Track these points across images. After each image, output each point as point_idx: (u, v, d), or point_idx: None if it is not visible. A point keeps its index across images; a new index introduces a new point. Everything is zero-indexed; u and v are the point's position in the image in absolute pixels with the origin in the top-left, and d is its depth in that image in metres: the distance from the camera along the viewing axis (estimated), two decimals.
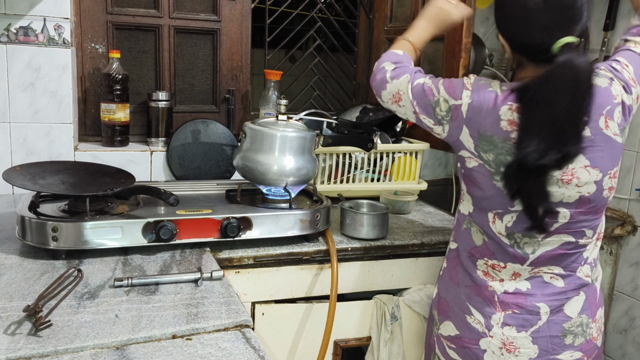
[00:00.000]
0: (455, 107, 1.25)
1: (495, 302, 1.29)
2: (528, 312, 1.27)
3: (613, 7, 2.02)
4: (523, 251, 1.26)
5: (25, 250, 1.36)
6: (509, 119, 1.18)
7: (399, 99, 1.36)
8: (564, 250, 1.26)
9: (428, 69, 2.31)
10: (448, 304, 1.37)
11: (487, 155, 1.21)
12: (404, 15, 2.44)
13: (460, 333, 1.33)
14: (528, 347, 1.28)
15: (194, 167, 1.96)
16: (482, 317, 1.30)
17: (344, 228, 1.65)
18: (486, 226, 1.29)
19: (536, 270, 1.28)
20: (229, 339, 1.03)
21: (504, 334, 1.28)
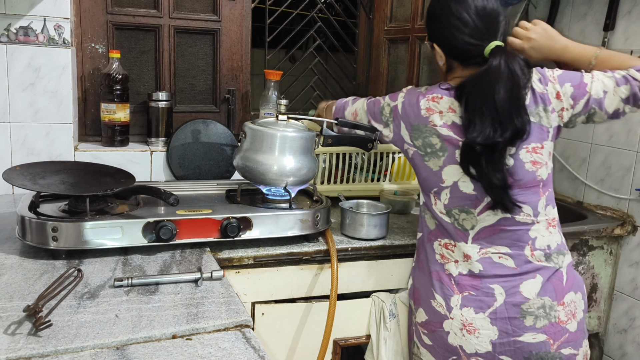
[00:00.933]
0: (394, 107, 1.47)
1: (452, 284, 1.39)
2: (484, 294, 1.35)
3: (613, 7, 2.02)
4: (462, 227, 1.38)
5: (25, 250, 1.36)
6: (427, 107, 1.39)
7: (356, 115, 1.59)
8: (502, 226, 1.35)
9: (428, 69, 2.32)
10: (419, 292, 1.47)
11: (418, 141, 1.41)
12: (404, 15, 2.44)
13: (429, 318, 1.43)
14: (487, 329, 1.34)
15: (194, 167, 1.96)
16: (443, 300, 1.39)
17: (344, 228, 1.65)
18: (431, 208, 1.43)
19: (484, 251, 1.37)
20: (229, 339, 1.04)
21: (462, 315, 1.36)
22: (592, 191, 2.16)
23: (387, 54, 2.55)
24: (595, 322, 2.10)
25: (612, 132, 2.08)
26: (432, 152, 1.38)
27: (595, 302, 2.07)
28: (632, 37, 2.00)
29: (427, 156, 1.40)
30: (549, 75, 1.38)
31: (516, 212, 1.33)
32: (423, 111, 1.40)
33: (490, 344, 1.34)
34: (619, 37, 2.04)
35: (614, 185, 2.08)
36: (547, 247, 1.37)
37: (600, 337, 2.13)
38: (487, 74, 1.30)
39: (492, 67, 1.29)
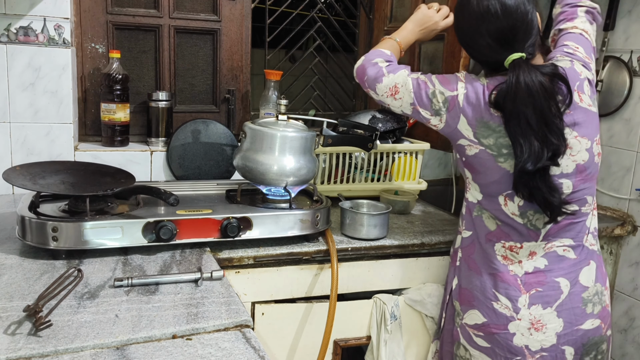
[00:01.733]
0: (452, 98, 1.34)
1: (519, 284, 1.35)
2: (550, 288, 1.34)
3: (613, 7, 2.02)
4: (535, 227, 1.34)
5: (25, 250, 1.36)
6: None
7: (395, 92, 1.42)
8: (570, 219, 1.34)
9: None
10: (471, 293, 1.41)
11: (488, 140, 1.31)
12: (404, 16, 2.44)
13: (488, 320, 1.38)
14: (554, 322, 1.34)
15: (194, 167, 1.96)
16: (509, 302, 1.35)
17: (344, 228, 1.65)
18: (498, 210, 1.36)
19: (549, 246, 1.35)
20: (229, 339, 1.04)
21: (531, 314, 1.34)
22: None
23: None
24: None
25: (612, 132, 2.08)
26: (508, 152, 1.30)
27: None
28: (632, 37, 2.00)
29: (502, 157, 1.31)
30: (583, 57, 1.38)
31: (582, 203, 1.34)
32: (493, 110, 1.31)
33: (555, 337, 1.35)
34: (619, 37, 2.04)
35: (614, 185, 2.08)
36: (595, 229, 1.41)
37: None
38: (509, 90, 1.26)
39: (509, 83, 1.26)
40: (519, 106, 1.25)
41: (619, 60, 2.03)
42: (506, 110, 1.27)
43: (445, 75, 1.40)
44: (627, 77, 2.00)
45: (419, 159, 2.03)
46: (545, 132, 1.25)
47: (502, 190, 1.34)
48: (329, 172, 1.96)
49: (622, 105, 2.03)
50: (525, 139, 1.25)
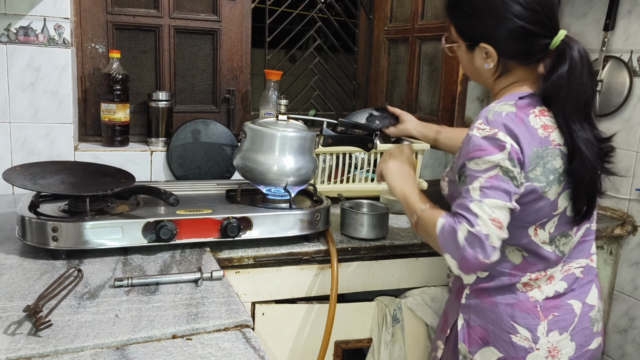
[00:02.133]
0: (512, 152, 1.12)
1: (538, 311, 1.24)
2: (565, 312, 1.26)
3: (613, 7, 2.02)
4: (562, 252, 1.24)
5: (25, 250, 1.36)
6: (542, 125, 1.16)
7: (499, 224, 1.11)
8: (584, 238, 1.28)
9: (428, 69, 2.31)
10: (485, 330, 1.26)
11: (535, 171, 1.15)
12: (404, 16, 2.44)
13: (505, 355, 1.25)
14: (568, 347, 1.25)
15: (194, 167, 1.96)
16: (529, 332, 1.23)
17: (344, 228, 1.64)
18: (526, 242, 1.22)
19: (567, 268, 1.26)
20: (229, 339, 1.03)
21: (549, 342, 1.24)
22: None
23: (387, 54, 2.55)
24: None
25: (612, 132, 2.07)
26: (555, 178, 1.16)
27: None
28: (632, 37, 2.00)
29: (548, 186, 1.16)
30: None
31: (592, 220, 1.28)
32: (540, 130, 1.15)
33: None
34: (619, 37, 2.04)
35: (614, 185, 2.08)
36: (595, 250, 1.35)
37: None
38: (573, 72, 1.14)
39: (577, 62, 1.13)
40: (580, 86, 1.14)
41: (619, 60, 2.03)
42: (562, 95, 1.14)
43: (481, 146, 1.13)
44: (627, 77, 2.00)
45: (419, 159, 2.03)
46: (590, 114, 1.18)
47: (537, 220, 1.19)
48: (329, 172, 1.96)
49: (622, 105, 2.03)
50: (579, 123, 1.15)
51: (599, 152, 1.18)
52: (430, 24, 2.26)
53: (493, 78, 1.25)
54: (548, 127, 1.16)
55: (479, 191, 1.12)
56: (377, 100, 2.60)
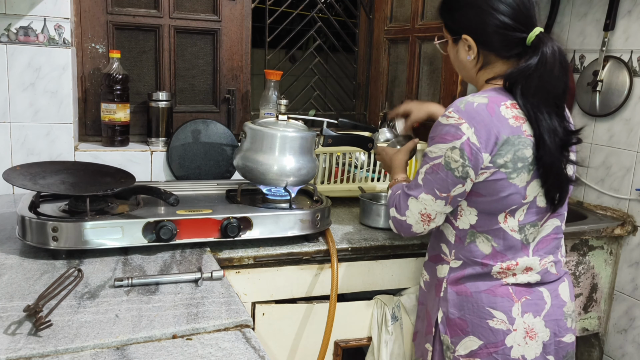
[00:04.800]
0: (465, 144, 1.20)
1: (511, 294, 1.30)
2: (537, 297, 1.32)
3: (613, 7, 2.02)
4: (527, 241, 1.30)
5: (25, 250, 1.36)
6: (513, 116, 1.22)
7: (428, 218, 1.30)
8: (554, 234, 1.33)
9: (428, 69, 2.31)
10: (464, 321, 1.31)
11: (504, 157, 1.21)
12: (404, 16, 2.44)
13: (485, 341, 1.29)
14: (543, 331, 1.31)
15: (194, 167, 1.96)
16: (504, 315, 1.29)
17: (362, 218, 1.73)
18: (495, 230, 1.28)
19: (543, 262, 1.32)
20: (229, 339, 1.04)
21: (525, 322, 1.29)
22: (592, 191, 2.16)
23: (387, 54, 2.55)
24: (595, 322, 2.10)
25: (612, 132, 2.08)
26: (523, 166, 1.22)
27: (595, 302, 2.07)
28: (632, 37, 2.00)
29: (515, 172, 1.22)
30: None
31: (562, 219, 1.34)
32: (512, 121, 1.22)
33: (542, 346, 1.32)
34: (619, 37, 2.04)
35: (614, 185, 2.08)
36: (565, 254, 1.41)
37: (600, 337, 2.13)
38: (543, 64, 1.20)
39: (548, 56, 1.19)
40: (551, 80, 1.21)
41: (619, 60, 2.03)
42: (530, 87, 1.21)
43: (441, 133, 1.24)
44: (627, 77, 2.00)
45: (419, 158, 2.03)
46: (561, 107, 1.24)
47: (506, 207, 1.25)
48: (329, 172, 1.96)
49: (622, 105, 2.03)
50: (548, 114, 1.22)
51: (562, 142, 1.24)
52: (430, 24, 2.26)
53: (475, 70, 1.33)
54: (519, 118, 1.22)
55: (422, 175, 1.28)
56: (377, 100, 2.60)
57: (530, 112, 1.22)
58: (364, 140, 1.69)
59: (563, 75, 1.23)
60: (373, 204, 1.71)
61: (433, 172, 1.25)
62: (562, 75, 1.22)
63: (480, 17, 1.25)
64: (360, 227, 1.72)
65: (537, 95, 1.22)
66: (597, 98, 2.09)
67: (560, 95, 1.24)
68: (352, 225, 1.73)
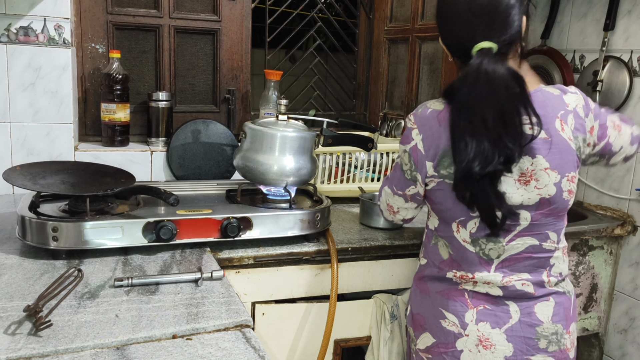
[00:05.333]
0: (412, 149, 1.25)
1: (465, 299, 1.28)
2: (500, 310, 1.27)
3: (613, 7, 2.02)
4: (487, 257, 1.26)
5: (25, 250, 1.36)
6: None
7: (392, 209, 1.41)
8: (529, 253, 1.26)
9: (428, 69, 2.31)
10: (422, 317, 1.35)
11: (448, 169, 1.21)
12: (404, 16, 2.44)
13: (437, 340, 1.32)
14: (503, 345, 1.27)
15: (194, 167, 1.97)
16: (456, 318, 1.29)
17: (362, 218, 1.73)
18: (451, 237, 1.29)
19: (507, 280, 1.27)
20: (229, 339, 1.04)
21: (479, 330, 1.27)
22: (592, 191, 2.16)
23: (387, 54, 2.55)
24: (595, 322, 2.10)
25: None
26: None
27: (595, 302, 2.07)
28: (632, 37, 2.00)
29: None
30: (591, 106, 1.28)
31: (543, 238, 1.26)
32: None
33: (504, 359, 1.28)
34: (619, 37, 2.04)
35: (614, 185, 2.08)
36: (560, 274, 1.31)
37: (600, 337, 2.13)
38: (466, 79, 1.15)
39: (470, 69, 1.14)
40: (476, 98, 1.13)
41: (619, 60, 2.03)
42: (458, 102, 1.15)
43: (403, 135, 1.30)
44: (627, 77, 2.00)
45: None
46: (500, 133, 1.12)
47: (455, 217, 1.26)
48: (329, 172, 1.96)
49: (622, 105, 2.03)
50: (474, 137, 1.12)
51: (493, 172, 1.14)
52: (430, 24, 2.26)
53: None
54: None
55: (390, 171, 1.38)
56: (377, 100, 2.60)
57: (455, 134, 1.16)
58: (364, 140, 1.69)
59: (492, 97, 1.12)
60: (373, 204, 1.71)
61: (393, 170, 1.36)
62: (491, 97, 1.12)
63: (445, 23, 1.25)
64: (360, 227, 1.72)
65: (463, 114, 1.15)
66: (597, 98, 2.09)
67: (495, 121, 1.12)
68: (352, 225, 1.73)
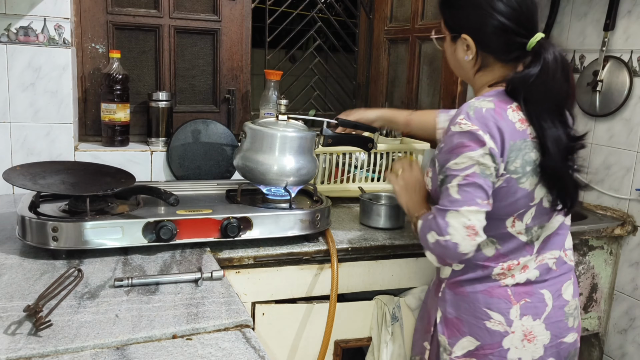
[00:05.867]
0: (491, 150, 1.17)
1: (509, 295, 1.28)
2: (537, 300, 1.29)
3: (613, 7, 2.02)
4: (532, 240, 1.29)
5: (25, 250, 1.36)
6: (519, 119, 1.21)
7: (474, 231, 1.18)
8: (558, 231, 1.32)
9: (428, 69, 2.31)
10: (460, 320, 1.31)
11: (515, 163, 1.20)
12: (404, 16, 2.44)
13: (482, 342, 1.29)
14: (543, 334, 1.30)
15: (194, 167, 1.96)
16: (502, 316, 1.27)
17: (362, 218, 1.73)
18: (503, 233, 1.26)
19: (541, 258, 1.30)
20: (229, 339, 1.04)
21: (523, 325, 1.28)
22: (592, 191, 2.16)
23: (387, 54, 2.55)
24: (595, 322, 2.10)
25: (612, 132, 2.08)
26: (532, 169, 1.21)
27: (595, 302, 2.07)
28: (632, 37, 2.00)
29: (525, 176, 1.21)
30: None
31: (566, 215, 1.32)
32: (518, 124, 1.20)
33: (543, 349, 1.30)
34: (619, 37, 2.04)
35: (614, 185, 2.08)
36: (570, 247, 1.38)
37: (600, 337, 2.13)
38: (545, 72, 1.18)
39: (550, 63, 1.17)
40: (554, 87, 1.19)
41: (619, 60, 2.03)
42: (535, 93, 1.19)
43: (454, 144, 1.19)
44: (627, 77, 2.00)
45: (419, 159, 2.03)
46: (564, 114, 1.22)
47: (514, 211, 1.24)
48: (329, 172, 1.96)
49: (622, 105, 2.03)
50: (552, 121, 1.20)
51: (566, 150, 1.22)
52: (430, 24, 2.26)
53: (473, 71, 1.31)
54: (525, 121, 1.21)
55: (456, 189, 1.18)
56: (377, 100, 2.60)
57: (534, 120, 1.20)
58: (364, 140, 1.69)
59: (565, 81, 1.20)
60: (373, 204, 1.71)
61: (465, 186, 1.17)
62: (564, 81, 1.20)
63: (482, 18, 1.22)
64: (360, 227, 1.72)
65: (540, 102, 1.20)
66: (597, 98, 2.09)
67: (563, 101, 1.22)
68: (352, 225, 1.73)
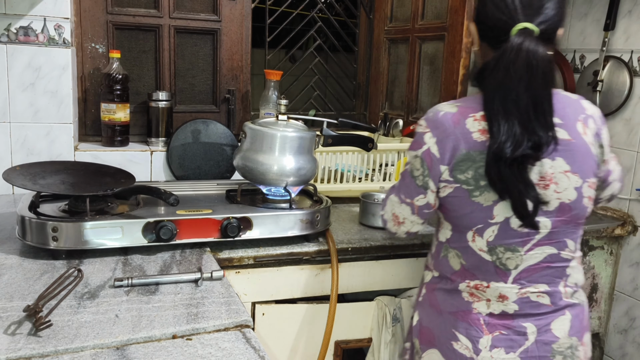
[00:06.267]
0: (425, 154, 1.20)
1: (481, 325, 1.22)
2: (515, 333, 1.22)
3: (613, 7, 2.02)
4: (505, 267, 1.20)
5: (25, 250, 1.35)
6: (479, 129, 1.15)
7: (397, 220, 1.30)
8: (547, 263, 1.21)
9: (429, 70, 2.31)
10: (432, 333, 1.29)
11: (465, 174, 1.17)
12: (404, 15, 2.44)
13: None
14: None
15: (194, 167, 1.96)
16: (470, 342, 1.22)
17: (362, 218, 1.73)
18: (465, 247, 1.23)
19: (524, 291, 1.21)
20: (229, 339, 1.03)
21: (492, 357, 1.21)
22: None
23: (387, 54, 2.55)
24: (595, 322, 2.10)
25: (612, 132, 2.07)
26: (487, 184, 1.15)
27: (595, 302, 2.07)
28: (633, 37, 2.00)
29: (478, 190, 1.16)
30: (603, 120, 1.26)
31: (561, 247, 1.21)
32: (476, 134, 1.15)
33: None
34: (619, 37, 2.04)
35: None
36: (575, 284, 1.26)
37: (601, 337, 2.13)
38: (504, 57, 1.11)
39: (508, 48, 1.10)
40: (514, 77, 1.10)
41: (619, 60, 2.03)
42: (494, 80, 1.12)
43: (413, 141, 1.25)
44: (627, 77, 2.00)
45: None
46: (531, 118, 1.10)
47: (472, 225, 1.20)
48: (329, 172, 1.96)
49: (622, 105, 2.03)
50: (506, 120, 1.10)
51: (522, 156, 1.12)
52: (430, 24, 2.26)
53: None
54: (486, 132, 1.14)
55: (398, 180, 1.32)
56: (377, 100, 2.60)
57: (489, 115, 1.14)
58: (364, 140, 1.69)
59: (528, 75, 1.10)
60: (373, 204, 1.71)
61: (401, 178, 1.29)
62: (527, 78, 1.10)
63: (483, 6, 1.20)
64: (360, 227, 1.72)
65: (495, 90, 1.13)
66: (598, 98, 2.09)
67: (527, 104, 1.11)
68: (352, 225, 1.73)
